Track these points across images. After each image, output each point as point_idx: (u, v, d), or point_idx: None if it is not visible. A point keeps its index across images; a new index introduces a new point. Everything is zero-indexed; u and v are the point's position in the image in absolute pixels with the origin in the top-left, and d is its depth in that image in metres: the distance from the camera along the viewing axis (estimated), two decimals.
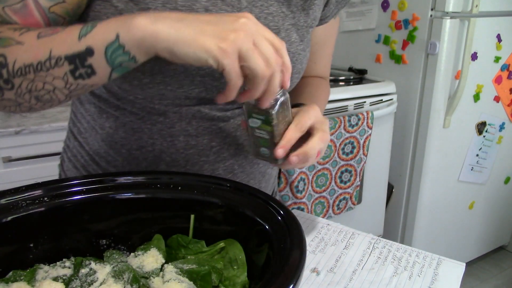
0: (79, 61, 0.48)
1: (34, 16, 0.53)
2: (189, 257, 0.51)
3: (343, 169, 1.71)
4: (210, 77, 0.60)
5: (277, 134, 0.57)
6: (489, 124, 2.01)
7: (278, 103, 0.55)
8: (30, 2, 0.52)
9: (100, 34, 0.48)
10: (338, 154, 1.66)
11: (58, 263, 0.50)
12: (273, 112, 0.55)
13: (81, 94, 0.55)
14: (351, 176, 1.74)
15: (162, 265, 0.50)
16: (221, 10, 0.59)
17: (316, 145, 0.58)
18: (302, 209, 1.62)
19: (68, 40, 0.48)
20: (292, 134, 0.57)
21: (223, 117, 0.66)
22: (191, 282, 0.47)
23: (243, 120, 0.59)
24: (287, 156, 0.58)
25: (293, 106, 0.63)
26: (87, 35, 0.48)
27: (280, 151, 0.56)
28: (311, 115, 0.59)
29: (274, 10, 0.63)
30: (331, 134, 1.60)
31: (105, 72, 0.50)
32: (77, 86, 0.51)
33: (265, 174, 0.75)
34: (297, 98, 0.74)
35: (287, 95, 0.56)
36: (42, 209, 0.49)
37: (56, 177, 0.54)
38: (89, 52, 0.48)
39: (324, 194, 1.69)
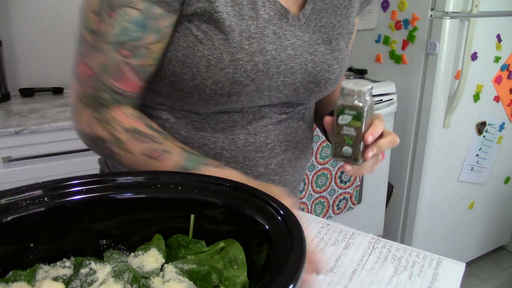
0: None
1: (130, 78, 0.61)
2: (189, 257, 0.51)
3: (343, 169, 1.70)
4: (275, 90, 0.66)
5: (364, 131, 0.61)
6: (489, 124, 2.01)
7: (369, 100, 0.60)
8: (124, 66, 0.60)
9: None
10: None
11: (58, 263, 0.49)
12: (365, 108, 0.60)
13: None
14: (351, 176, 1.74)
15: (162, 265, 0.50)
16: (286, 31, 0.64)
17: (388, 143, 0.63)
18: (302, 209, 1.62)
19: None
20: (378, 126, 0.62)
21: (280, 119, 0.71)
22: (191, 282, 0.47)
23: (327, 120, 0.65)
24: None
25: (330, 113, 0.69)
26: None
27: (370, 137, 0.60)
28: (383, 120, 0.65)
29: (325, 22, 0.68)
30: None
31: None
32: None
33: (304, 167, 0.82)
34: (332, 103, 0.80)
35: (373, 97, 0.62)
36: (42, 209, 0.49)
37: (56, 177, 0.54)
38: None
39: (324, 194, 1.69)
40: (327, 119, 0.65)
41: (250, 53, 0.61)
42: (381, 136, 0.63)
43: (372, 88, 0.62)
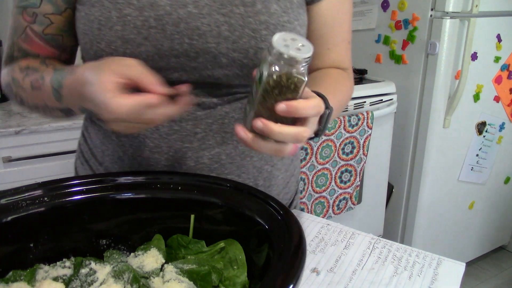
0: (68, 111, 0.61)
1: (35, 41, 0.64)
2: (189, 257, 0.52)
3: (343, 169, 1.70)
4: (185, 57, 0.60)
5: (260, 101, 0.47)
6: (489, 124, 2.01)
7: (281, 69, 0.45)
8: (29, 30, 0.63)
9: (70, 103, 0.58)
10: (338, 154, 1.66)
11: (58, 263, 0.50)
12: (269, 75, 0.45)
13: None
14: (351, 176, 1.74)
15: (162, 265, 0.50)
16: None
17: (289, 132, 0.47)
18: (302, 209, 1.62)
19: (52, 99, 0.59)
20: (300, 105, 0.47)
21: (209, 103, 0.64)
22: (191, 282, 0.47)
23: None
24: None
25: None
26: (61, 100, 0.58)
27: (281, 106, 0.46)
28: (316, 106, 0.49)
29: None
30: (331, 134, 1.60)
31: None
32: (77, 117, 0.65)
33: (262, 170, 0.71)
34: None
35: (306, 78, 0.46)
36: (42, 209, 0.49)
37: (56, 177, 0.55)
38: (70, 109, 0.60)
39: (324, 194, 1.69)
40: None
41: (139, 8, 0.58)
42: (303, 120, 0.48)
43: (304, 64, 0.45)
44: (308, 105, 0.47)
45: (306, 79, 0.46)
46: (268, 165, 0.72)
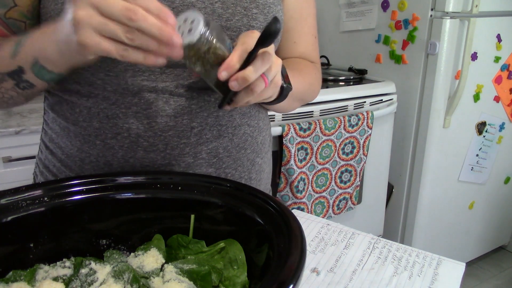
0: (17, 77, 0.55)
1: None
2: (189, 257, 0.52)
3: (343, 169, 1.70)
4: None
5: (205, 73, 0.51)
6: (489, 124, 2.01)
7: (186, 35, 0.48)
8: None
9: (24, 55, 0.53)
10: (338, 154, 1.66)
11: (58, 263, 0.50)
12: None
13: (38, 95, 0.61)
14: (351, 176, 1.74)
15: (162, 265, 0.50)
16: None
17: (259, 67, 0.50)
18: (302, 209, 1.62)
19: (5, 59, 0.54)
20: (235, 57, 0.49)
21: (204, 95, 0.62)
22: (191, 282, 0.47)
23: None
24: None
25: None
26: (16, 55, 0.53)
27: (223, 74, 0.49)
28: (255, 36, 0.51)
29: None
30: (331, 134, 1.60)
31: (41, 83, 0.55)
32: (27, 93, 0.57)
33: (254, 163, 0.71)
34: None
35: (215, 43, 0.49)
36: (42, 209, 0.49)
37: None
38: (21, 70, 0.54)
39: (324, 194, 1.69)
40: None
41: None
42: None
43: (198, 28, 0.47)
44: (235, 58, 0.49)
45: (217, 44, 0.49)
46: (259, 158, 0.72)
